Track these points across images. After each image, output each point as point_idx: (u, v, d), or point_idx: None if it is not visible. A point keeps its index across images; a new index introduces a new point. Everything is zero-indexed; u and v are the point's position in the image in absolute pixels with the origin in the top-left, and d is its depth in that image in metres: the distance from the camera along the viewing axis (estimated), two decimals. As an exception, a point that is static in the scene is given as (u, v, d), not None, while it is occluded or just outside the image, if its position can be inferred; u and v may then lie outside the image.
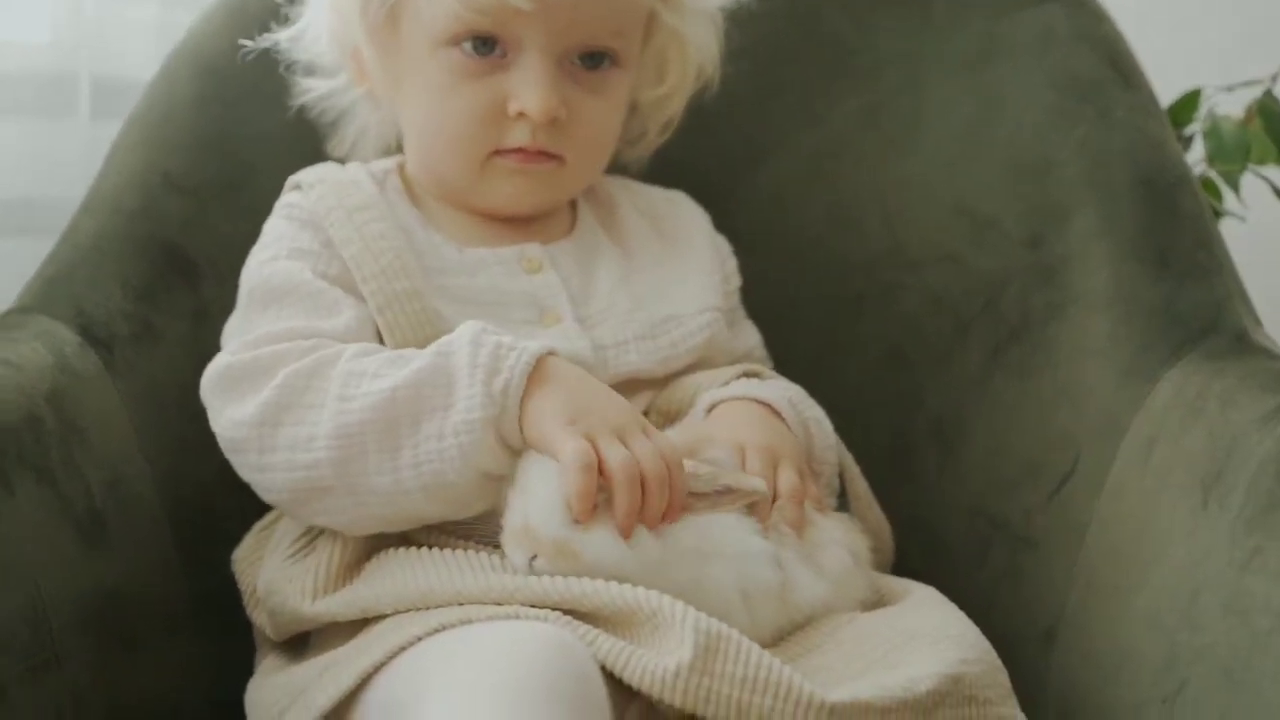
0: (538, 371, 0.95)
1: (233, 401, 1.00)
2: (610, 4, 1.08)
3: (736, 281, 1.20)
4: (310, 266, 1.06)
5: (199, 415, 1.03)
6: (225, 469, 1.02)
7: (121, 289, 1.14)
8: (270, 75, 1.21)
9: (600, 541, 0.93)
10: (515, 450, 0.96)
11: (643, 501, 0.93)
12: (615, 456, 0.93)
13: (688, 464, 0.96)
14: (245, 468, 1.01)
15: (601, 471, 0.92)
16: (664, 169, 1.23)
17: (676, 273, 1.15)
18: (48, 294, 1.13)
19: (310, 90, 1.18)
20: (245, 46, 1.21)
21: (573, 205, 1.18)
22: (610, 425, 0.94)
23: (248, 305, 1.07)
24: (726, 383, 1.10)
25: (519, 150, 1.08)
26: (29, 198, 1.33)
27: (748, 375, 1.13)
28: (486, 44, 1.07)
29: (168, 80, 1.24)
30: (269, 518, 1.09)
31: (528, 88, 1.06)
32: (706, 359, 1.13)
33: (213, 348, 1.06)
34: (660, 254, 1.16)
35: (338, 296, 1.05)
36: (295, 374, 0.99)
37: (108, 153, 1.21)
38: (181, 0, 1.39)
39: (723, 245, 1.20)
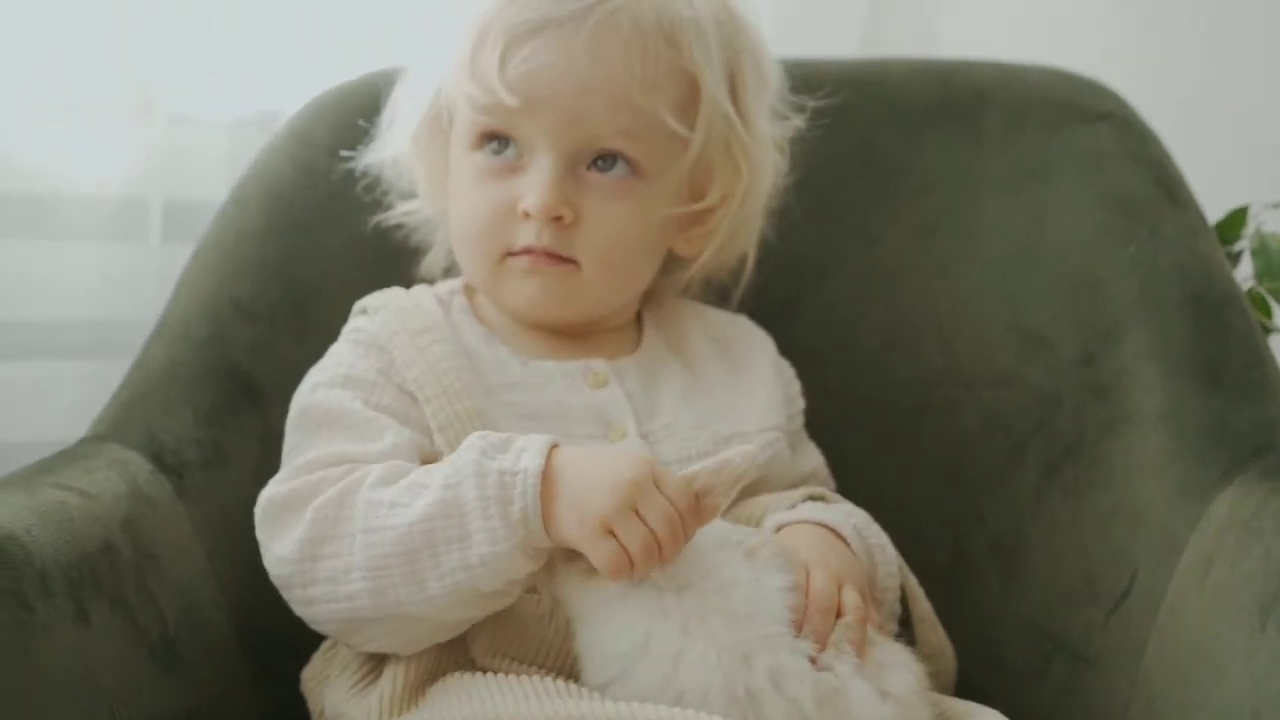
0: (545, 482, 0.96)
1: (275, 537, 1.03)
2: (608, 102, 1.08)
3: (800, 405, 1.21)
4: (362, 398, 1.08)
5: (266, 539, 1.05)
6: (295, 589, 1.04)
7: (193, 415, 1.16)
8: (337, 200, 1.25)
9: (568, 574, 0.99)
10: (545, 550, 0.98)
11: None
12: (634, 542, 0.94)
13: (683, 474, 0.98)
14: (294, 603, 1.03)
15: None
16: (723, 288, 1.25)
17: (740, 393, 1.16)
18: (120, 422, 1.15)
19: (401, 212, 1.22)
20: (311, 173, 1.25)
21: (639, 324, 1.20)
22: (622, 500, 0.95)
23: (297, 427, 1.09)
24: (793, 505, 1.11)
25: (528, 250, 1.10)
26: (103, 319, 1.35)
27: (813, 499, 1.14)
28: (504, 145, 1.10)
29: (236, 207, 1.27)
30: (335, 636, 1.11)
31: (531, 186, 1.08)
32: (768, 478, 1.13)
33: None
34: (725, 374, 1.18)
35: (385, 424, 1.06)
36: (324, 506, 1.00)
37: (178, 280, 1.24)
38: (249, 126, 1.42)
39: (786, 369, 1.22)
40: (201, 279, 1.23)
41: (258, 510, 1.04)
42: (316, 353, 1.14)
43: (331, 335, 1.15)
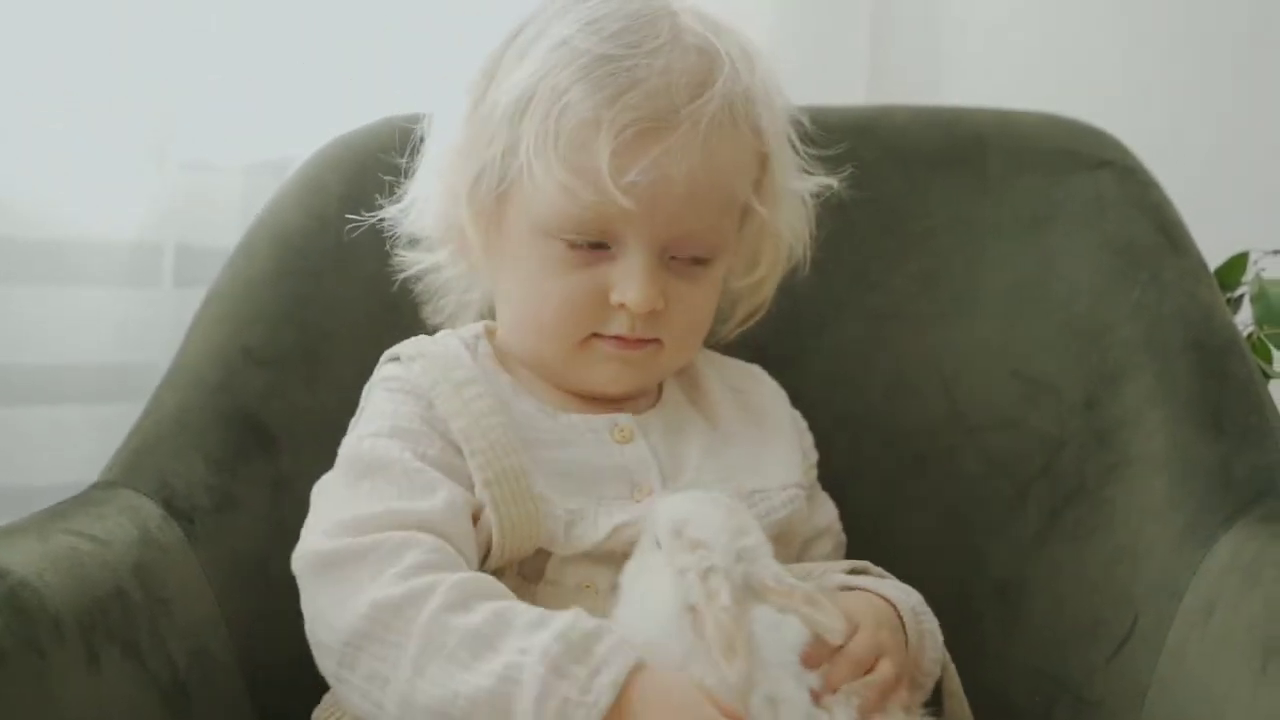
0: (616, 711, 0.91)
1: (324, 591, 1.00)
2: (712, 204, 1.09)
3: (814, 457, 1.22)
4: (411, 448, 1.06)
5: (276, 582, 1.05)
6: (303, 633, 1.03)
7: (204, 461, 1.17)
8: (347, 248, 1.25)
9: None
10: None
11: None
12: None
13: (774, 577, 0.97)
14: (323, 666, 1.00)
15: None
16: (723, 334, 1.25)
17: (761, 447, 1.17)
18: (132, 468, 1.16)
19: (414, 263, 1.20)
20: (321, 220, 1.26)
21: None
22: None
23: (345, 472, 1.07)
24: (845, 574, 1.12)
25: (618, 338, 1.10)
26: (117, 364, 1.37)
27: (855, 572, 1.13)
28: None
29: (247, 254, 1.27)
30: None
31: (630, 281, 1.08)
32: (786, 532, 1.14)
33: (291, 517, 1.07)
34: (746, 427, 1.18)
35: (434, 478, 1.05)
36: (384, 606, 0.96)
37: (190, 326, 1.24)
38: (263, 171, 1.44)
39: (800, 421, 1.22)
40: (212, 326, 1.24)
41: (305, 556, 1.02)
42: (328, 399, 1.15)
43: (342, 382, 1.16)
